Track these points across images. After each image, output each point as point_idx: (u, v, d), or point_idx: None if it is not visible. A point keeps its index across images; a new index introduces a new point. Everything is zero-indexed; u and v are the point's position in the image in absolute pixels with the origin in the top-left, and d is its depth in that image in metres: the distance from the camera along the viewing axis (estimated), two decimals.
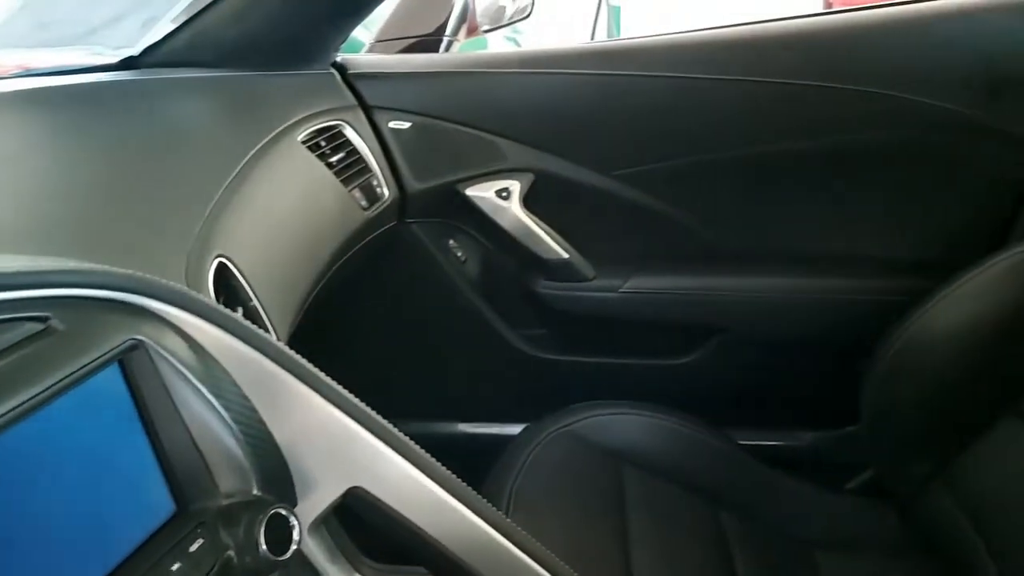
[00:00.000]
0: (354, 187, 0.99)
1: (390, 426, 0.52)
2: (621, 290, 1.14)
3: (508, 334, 1.22)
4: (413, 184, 1.10)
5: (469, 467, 0.63)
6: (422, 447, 0.52)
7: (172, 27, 0.91)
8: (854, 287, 1.09)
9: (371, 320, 1.23)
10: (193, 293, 0.44)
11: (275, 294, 0.69)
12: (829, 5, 3.92)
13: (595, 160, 1.11)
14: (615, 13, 4.67)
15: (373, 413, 0.51)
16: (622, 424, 1.09)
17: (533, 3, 1.42)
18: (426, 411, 1.29)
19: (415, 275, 1.18)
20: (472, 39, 1.44)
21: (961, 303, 0.93)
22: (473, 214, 1.12)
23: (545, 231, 1.12)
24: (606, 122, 1.10)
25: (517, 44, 3.10)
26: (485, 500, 0.56)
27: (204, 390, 0.43)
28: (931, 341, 0.96)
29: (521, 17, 1.42)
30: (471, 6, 1.37)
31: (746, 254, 1.14)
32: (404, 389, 1.24)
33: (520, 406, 1.15)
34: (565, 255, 1.12)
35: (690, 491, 1.04)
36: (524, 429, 1.06)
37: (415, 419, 1.22)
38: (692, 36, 1.09)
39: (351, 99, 1.08)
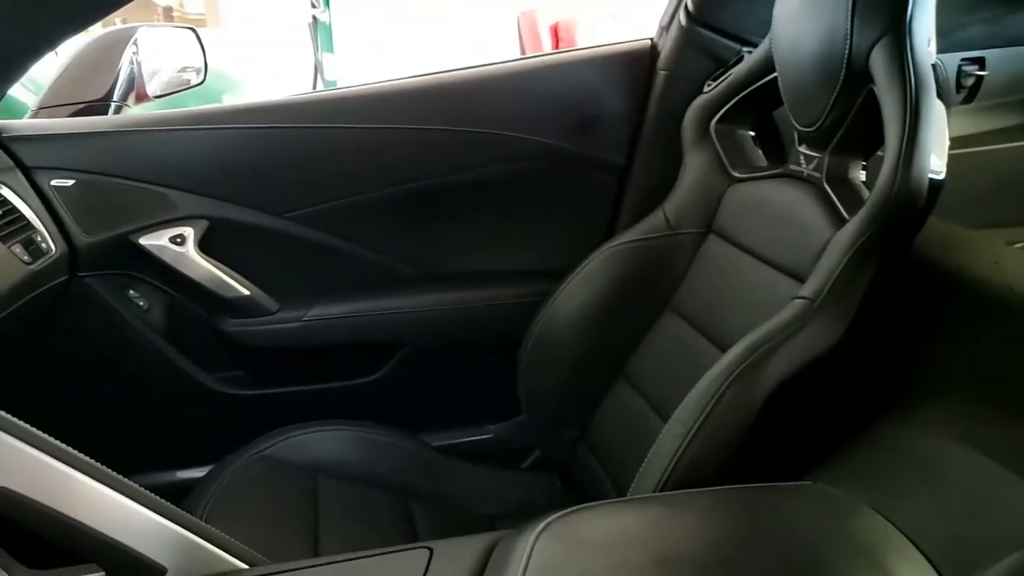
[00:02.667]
0: (14, 243, 1.00)
1: (36, 430, 0.58)
2: (304, 319, 1.24)
3: (202, 377, 1.27)
4: (82, 238, 1.12)
5: None
6: None
7: None
8: (501, 295, 1.30)
9: (58, 377, 1.21)
10: None
11: None
12: (556, 45, 4.42)
13: (267, 204, 1.21)
14: (326, 31, 4.89)
15: (13, 418, 0.56)
16: (318, 441, 1.18)
17: (206, 71, 1.50)
18: (134, 463, 1.28)
19: (96, 329, 1.19)
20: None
21: (572, 296, 1.16)
22: (151, 262, 1.17)
23: (224, 271, 1.19)
24: (274, 170, 1.21)
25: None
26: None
27: None
28: (556, 330, 1.18)
29: (194, 84, 1.50)
30: (138, 73, 1.42)
31: (414, 276, 1.30)
32: (106, 442, 1.22)
33: (224, 445, 1.20)
34: (246, 292, 1.21)
35: (383, 489, 1.16)
36: (221, 462, 1.12)
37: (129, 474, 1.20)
38: (351, 91, 1.24)
39: (8, 161, 1.09)
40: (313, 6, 5.12)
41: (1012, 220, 1.30)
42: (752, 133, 1.13)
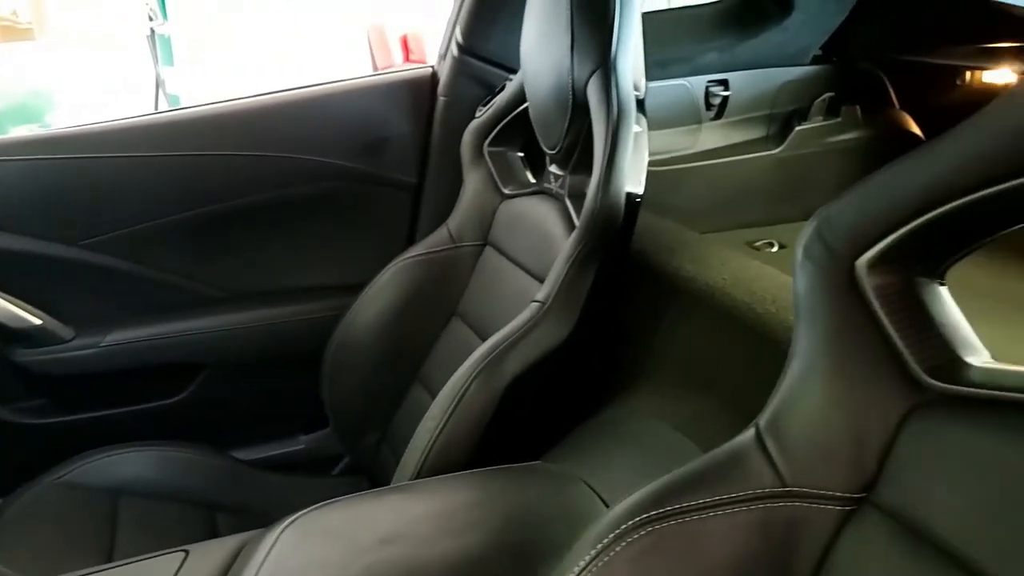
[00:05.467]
0: None
1: None
2: (102, 345, 1.26)
3: None
4: None
5: None
6: None
7: None
8: (304, 310, 1.36)
9: None
10: None
11: None
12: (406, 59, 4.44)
13: (59, 233, 1.22)
14: (166, 44, 4.75)
15: None
16: (120, 464, 1.20)
17: None
18: None
19: None
20: None
21: (367, 308, 1.24)
22: None
23: (12, 302, 1.19)
24: (64, 199, 1.22)
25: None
26: None
27: None
28: (354, 341, 1.25)
29: None
30: None
31: (218, 296, 1.34)
32: None
33: (26, 476, 1.19)
34: (37, 321, 1.21)
35: (188, 506, 1.19)
36: (13, 493, 1.12)
37: None
38: (146, 119, 1.27)
39: None
40: (151, 18, 4.95)
41: (755, 221, 1.50)
42: (522, 153, 1.25)
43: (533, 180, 1.21)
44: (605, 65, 0.94)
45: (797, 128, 1.60)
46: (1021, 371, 0.48)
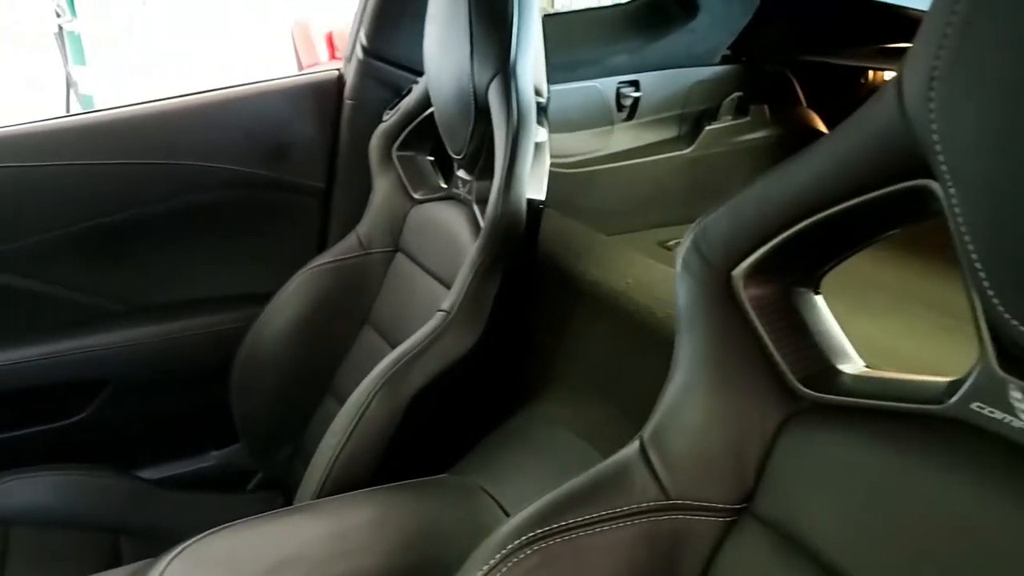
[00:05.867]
0: None
1: None
2: None
3: None
4: None
5: None
6: None
7: None
8: (210, 322, 1.31)
9: None
10: None
11: None
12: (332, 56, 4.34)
13: None
14: (75, 41, 4.57)
15: None
16: (11, 491, 1.14)
17: None
18: None
19: None
20: None
21: (274, 318, 1.21)
22: None
23: None
24: None
25: None
26: None
27: None
28: (263, 353, 1.22)
29: None
30: None
31: (118, 310, 1.28)
32: None
33: None
34: None
35: (89, 533, 1.14)
36: None
37: None
38: (31, 128, 1.20)
39: None
40: (58, 15, 4.74)
41: (668, 221, 1.52)
42: (431, 158, 1.23)
43: (444, 185, 1.20)
44: (505, 70, 0.93)
45: (707, 128, 1.63)
46: (889, 378, 0.49)
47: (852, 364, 0.52)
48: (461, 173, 1.09)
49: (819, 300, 0.54)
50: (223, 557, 0.69)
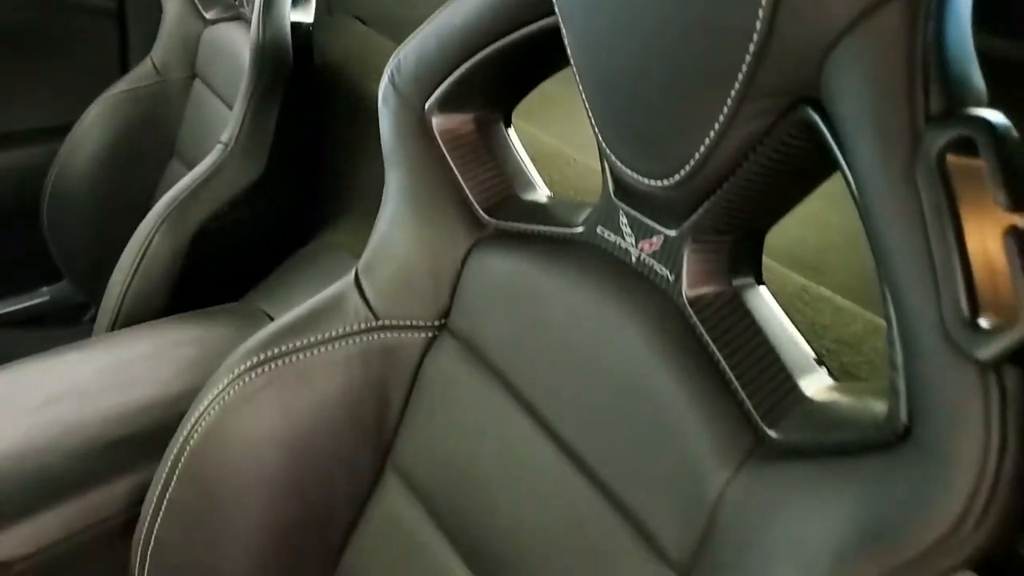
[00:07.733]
0: None
1: None
2: None
3: None
4: None
5: None
6: None
7: None
8: (10, 158, 1.25)
9: None
10: None
11: None
12: None
13: None
14: None
15: None
16: None
17: None
18: None
19: None
20: None
21: (77, 151, 1.16)
22: None
23: None
24: None
25: None
26: None
27: None
28: (71, 185, 1.18)
29: None
30: None
31: None
32: None
33: None
34: None
35: None
36: None
37: None
38: None
39: None
40: None
41: None
42: None
43: (235, 2, 1.13)
44: None
45: None
46: (551, 204, 0.54)
47: (537, 194, 0.56)
48: None
49: (509, 133, 0.57)
50: (2, 395, 0.72)
